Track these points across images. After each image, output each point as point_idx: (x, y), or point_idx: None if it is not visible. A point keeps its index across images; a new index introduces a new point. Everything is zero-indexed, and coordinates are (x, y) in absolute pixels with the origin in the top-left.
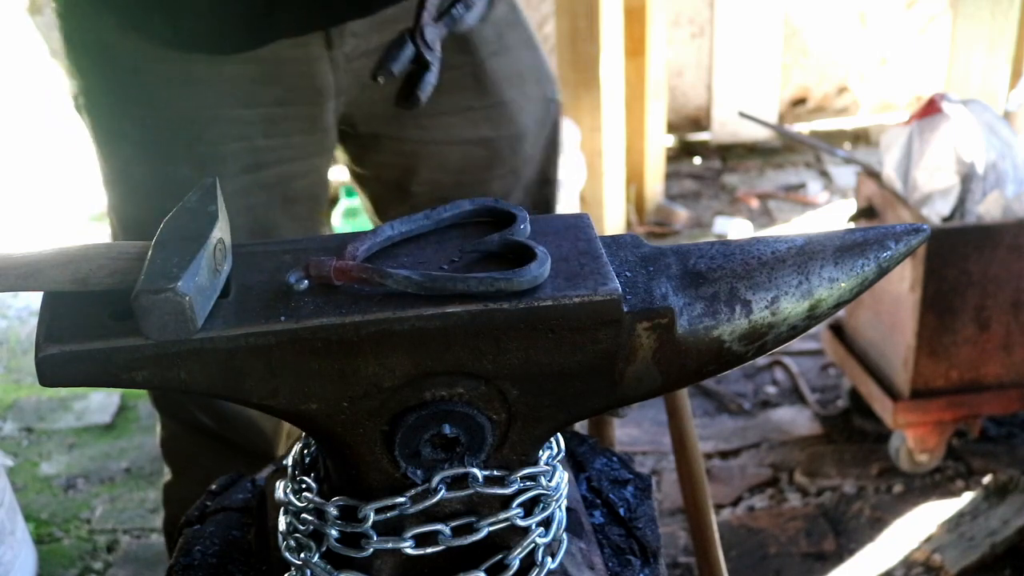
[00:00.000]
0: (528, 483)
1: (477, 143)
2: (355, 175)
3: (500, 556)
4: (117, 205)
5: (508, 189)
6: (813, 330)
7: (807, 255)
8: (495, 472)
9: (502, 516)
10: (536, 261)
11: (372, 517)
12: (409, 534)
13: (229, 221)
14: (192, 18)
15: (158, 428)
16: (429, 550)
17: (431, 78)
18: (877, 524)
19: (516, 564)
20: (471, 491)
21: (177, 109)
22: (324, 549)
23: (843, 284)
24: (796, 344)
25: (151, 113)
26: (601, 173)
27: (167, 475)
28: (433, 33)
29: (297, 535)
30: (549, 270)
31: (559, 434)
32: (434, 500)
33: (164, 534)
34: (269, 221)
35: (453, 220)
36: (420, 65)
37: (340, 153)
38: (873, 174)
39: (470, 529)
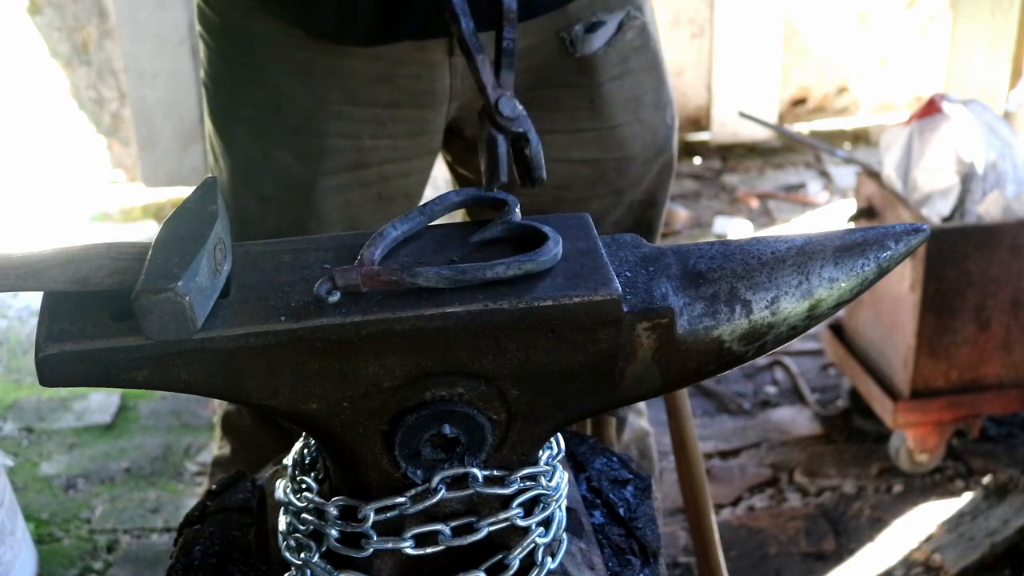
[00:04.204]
0: (528, 483)
1: (583, 163)
2: (455, 174)
3: (500, 556)
4: (221, 180)
5: (608, 208)
6: (813, 330)
7: (807, 255)
8: (495, 472)
9: (502, 516)
10: (551, 240)
11: (372, 517)
12: (409, 534)
13: (327, 218)
14: (321, 4)
15: (216, 402)
16: (429, 550)
17: (535, 150)
18: (877, 524)
19: (516, 564)
20: (471, 491)
21: (290, 97)
22: (324, 549)
23: (843, 284)
24: (796, 344)
25: (265, 97)
26: None
27: (222, 448)
28: (508, 104)
29: (297, 535)
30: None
31: (559, 434)
32: (434, 500)
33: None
34: (363, 218)
35: (445, 212)
36: (518, 142)
37: (443, 152)
38: (873, 174)
39: (470, 529)
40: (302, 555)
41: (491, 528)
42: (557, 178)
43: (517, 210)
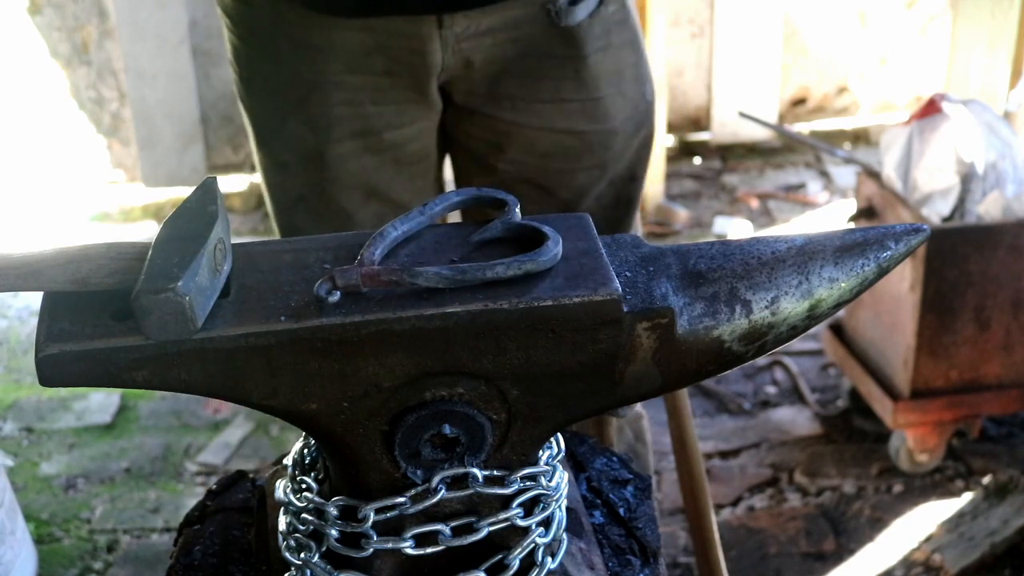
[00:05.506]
0: (528, 483)
1: (568, 133)
2: (447, 137)
3: (500, 556)
4: (253, 146)
5: (592, 181)
6: (813, 330)
7: (807, 255)
8: (495, 472)
9: (502, 516)
10: (551, 240)
11: (372, 517)
12: (409, 534)
13: (345, 183)
14: None
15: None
16: (429, 550)
17: None
18: (877, 524)
19: (516, 564)
20: (471, 491)
21: (294, 69)
22: (324, 549)
23: (843, 284)
24: (796, 344)
25: (273, 69)
26: None
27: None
28: None
29: (297, 535)
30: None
31: (559, 434)
32: (434, 500)
33: None
34: (383, 183)
35: (445, 212)
36: None
37: None
38: (873, 174)
39: (470, 529)
40: (302, 555)
41: (491, 528)
42: (543, 148)
43: (517, 210)
